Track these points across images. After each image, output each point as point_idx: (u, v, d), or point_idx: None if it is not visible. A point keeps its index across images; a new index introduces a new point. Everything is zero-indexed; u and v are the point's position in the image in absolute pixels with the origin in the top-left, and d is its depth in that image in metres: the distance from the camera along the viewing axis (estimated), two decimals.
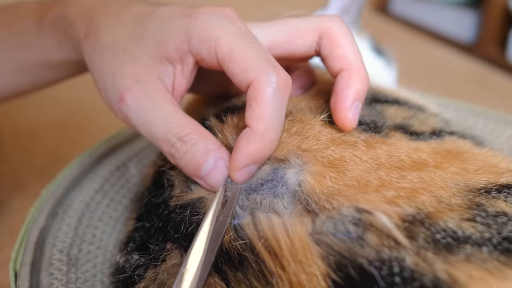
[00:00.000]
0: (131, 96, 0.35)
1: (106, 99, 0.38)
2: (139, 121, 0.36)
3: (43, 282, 0.39)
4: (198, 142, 0.34)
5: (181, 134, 0.34)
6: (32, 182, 0.72)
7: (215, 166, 0.34)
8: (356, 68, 0.37)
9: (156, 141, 0.35)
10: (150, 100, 0.35)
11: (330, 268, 0.28)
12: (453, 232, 0.29)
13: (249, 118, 0.33)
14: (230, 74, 0.35)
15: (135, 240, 0.39)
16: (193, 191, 0.36)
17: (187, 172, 0.35)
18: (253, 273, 0.30)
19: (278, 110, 0.33)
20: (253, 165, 0.34)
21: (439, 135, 0.40)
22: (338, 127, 0.37)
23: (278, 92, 0.33)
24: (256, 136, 0.33)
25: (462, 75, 1.22)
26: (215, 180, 0.34)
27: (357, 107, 0.37)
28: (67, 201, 0.49)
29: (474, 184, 0.33)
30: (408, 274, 0.27)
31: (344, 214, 0.30)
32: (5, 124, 0.77)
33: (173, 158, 0.35)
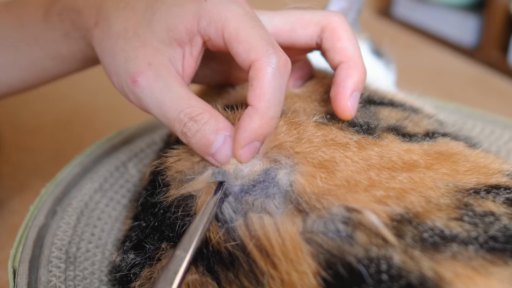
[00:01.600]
0: (143, 78, 0.37)
1: (118, 83, 0.39)
2: (152, 102, 0.37)
3: (42, 279, 0.40)
4: (209, 121, 0.36)
5: (193, 114, 0.36)
6: (33, 181, 0.72)
7: (224, 143, 0.36)
8: (355, 61, 0.39)
9: (169, 121, 0.37)
10: (162, 82, 0.37)
11: (320, 266, 0.29)
12: (440, 231, 0.30)
13: (251, 97, 0.35)
14: (234, 54, 0.37)
15: (131, 239, 0.39)
16: (184, 185, 0.36)
17: (198, 150, 0.36)
18: (244, 273, 0.31)
19: (278, 89, 0.35)
20: (256, 142, 0.36)
21: (432, 137, 0.41)
22: (338, 116, 0.39)
23: (278, 72, 0.35)
24: (258, 113, 0.35)
25: (463, 78, 1.22)
26: (224, 156, 0.36)
27: (355, 97, 0.39)
28: (66, 200, 0.49)
29: (464, 184, 0.34)
30: (395, 272, 0.27)
31: (334, 213, 0.31)
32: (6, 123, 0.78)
33: (185, 137, 0.37)
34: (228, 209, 0.34)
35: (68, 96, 0.94)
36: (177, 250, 0.31)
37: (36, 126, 0.87)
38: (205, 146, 0.36)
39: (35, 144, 0.83)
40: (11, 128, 0.83)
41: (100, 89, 0.95)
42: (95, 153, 0.56)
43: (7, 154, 0.76)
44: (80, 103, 0.93)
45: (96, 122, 0.88)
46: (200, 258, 0.33)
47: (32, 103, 0.90)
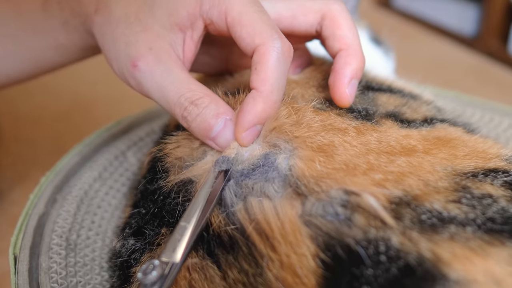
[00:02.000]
0: (144, 62, 0.37)
1: (118, 68, 0.39)
2: (152, 86, 0.37)
3: (43, 265, 0.40)
4: (209, 105, 0.36)
5: (193, 98, 0.36)
6: (33, 172, 0.72)
7: (225, 126, 0.36)
8: (354, 49, 0.39)
9: (169, 105, 0.37)
10: (162, 66, 0.37)
11: (319, 248, 0.29)
12: (439, 213, 0.30)
13: (255, 81, 0.35)
14: (237, 38, 0.37)
15: (131, 226, 0.39)
16: (183, 171, 0.37)
17: (199, 134, 0.37)
18: (243, 256, 0.31)
19: (281, 74, 0.36)
20: (259, 126, 0.36)
21: (431, 123, 0.41)
22: (336, 103, 0.39)
23: (282, 57, 0.35)
24: (261, 97, 0.35)
25: (463, 68, 1.22)
26: (224, 140, 0.36)
27: (354, 84, 0.39)
28: (66, 188, 0.50)
29: (462, 168, 0.34)
30: (393, 253, 0.28)
31: (332, 196, 0.31)
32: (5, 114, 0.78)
33: (185, 121, 0.37)
34: (230, 193, 0.34)
35: (67, 87, 0.94)
36: (181, 222, 0.32)
37: (35, 117, 0.87)
38: (206, 130, 0.36)
39: (35, 135, 0.83)
40: (11, 119, 0.83)
41: (99, 80, 0.95)
42: (94, 142, 0.56)
43: (6, 146, 0.76)
44: (79, 94, 0.93)
45: (96, 113, 0.88)
46: (201, 242, 0.33)
47: (31, 94, 0.90)
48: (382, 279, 0.27)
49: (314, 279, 0.28)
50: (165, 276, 0.30)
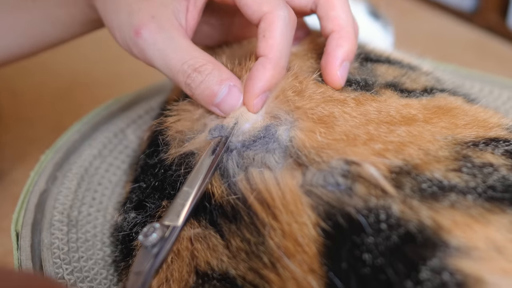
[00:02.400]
0: (146, 30, 0.37)
1: (121, 37, 0.39)
2: (155, 54, 0.37)
3: (45, 241, 0.41)
4: (212, 72, 0.36)
5: (196, 65, 0.36)
6: (33, 151, 0.72)
7: (229, 93, 0.36)
8: (346, 32, 0.39)
9: (172, 73, 0.37)
10: (165, 34, 0.37)
11: (320, 217, 0.29)
12: (439, 182, 0.30)
13: (263, 48, 0.36)
14: (242, 5, 0.37)
15: (132, 200, 0.40)
16: (185, 143, 0.37)
17: (203, 100, 0.37)
18: (245, 225, 0.31)
19: (288, 41, 0.37)
20: (268, 92, 0.37)
21: (430, 92, 0.41)
22: (328, 85, 0.39)
23: (289, 25, 0.36)
24: (271, 63, 0.36)
25: (462, 42, 1.21)
26: (229, 106, 0.36)
27: (345, 66, 0.39)
28: (66, 165, 0.50)
29: (462, 137, 0.34)
30: (394, 221, 0.28)
31: (333, 166, 0.31)
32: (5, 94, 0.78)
33: (189, 89, 0.37)
34: (233, 163, 0.34)
35: (66, 66, 0.93)
36: (184, 187, 0.33)
37: (35, 97, 0.87)
38: (210, 96, 0.36)
39: (35, 114, 0.82)
40: (11, 99, 0.83)
41: (98, 59, 0.95)
42: (93, 120, 0.56)
43: (6, 125, 0.76)
44: (78, 72, 0.93)
45: (95, 91, 0.88)
46: (203, 212, 0.33)
47: (31, 73, 0.89)
48: (382, 247, 0.27)
49: (315, 247, 0.28)
50: (166, 238, 0.30)
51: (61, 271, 0.39)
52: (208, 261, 0.32)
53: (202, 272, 0.32)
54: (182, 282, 0.32)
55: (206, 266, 0.32)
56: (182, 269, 0.32)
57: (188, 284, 0.32)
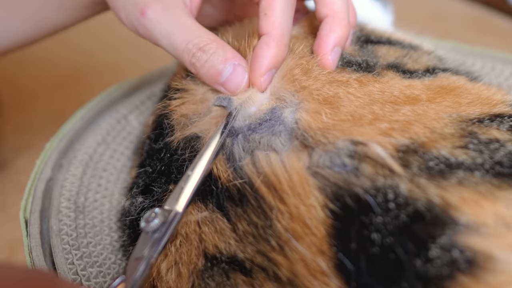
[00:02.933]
0: (152, 10, 0.37)
1: (127, 17, 0.39)
2: (160, 33, 0.38)
3: (53, 228, 0.41)
4: (217, 51, 0.37)
5: (201, 44, 0.37)
6: (36, 141, 0.72)
7: (233, 71, 0.36)
8: (340, 17, 0.40)
9: (177, 52, 0.37)
10: (170, 14, 0.37)
11: (328, 198, 0.29)
12: (446, 159, 0.30)
13: (266, 26, 0.37)
14: None
15: (138, 185, 0.40)
16: (189, 126, 0.37)
17: (208, 79, 0.37)
18: (252, 209, 0.31)
19: (289, 18, 0.37)
20: (274, 70, 0.37)
21: (433, 73, 0.41)
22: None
23: (290, 2, 0.37)
24: (274, 40, 0.36)
25: (463, 19, 1.20)
26: (234, 85, 0.37)
27: (337, 51, 0.39)
28: (71, 153, 0.50)
29: (467, 115, 0.34)
30: (402, 200, 0.28)
31: (339, 147, 0.31)
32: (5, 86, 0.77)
33: (194, 68, 0.37)
34: (239, 147, 0.34)
35: (64, 56, 0.93)
36: (188, 171, 0.33)
37: (34, 88, 0.87)
38: (214, 75, 0.36)
39: (35, 105, 0.82)
40: (11, 91, 0.82)
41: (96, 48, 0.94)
42: (96, 107, 0.55)
43: (8, 116, 0.76)
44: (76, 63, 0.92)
45: (94, 81, 0.87)
46: (210, 195, 0.33)
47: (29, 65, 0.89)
48: (391, 226, 0.27)
49: (323, 229, 0.29)
50: (167, 224, 0.30)
51: (70, 257, 0.39)
52: (216, 244, 0.32)
53: (210, 255, 0.32)
54: (191, 265, 0.32)
55: (214, 249, 0.32)
56: (190, 252, 0.33)
57: (197, 267, 0.32)
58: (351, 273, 0.27)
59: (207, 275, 0.31)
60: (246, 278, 0.30)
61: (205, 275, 0.31)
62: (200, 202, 0.34)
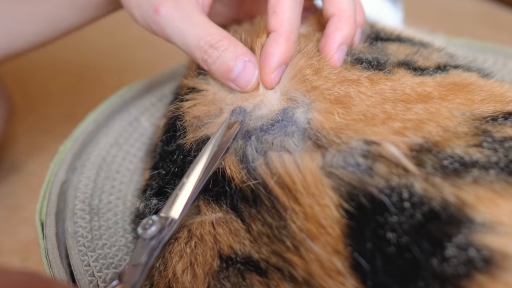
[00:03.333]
0: (164, 7, 0.38)
1: (141, 15, 0.40)
2: (173, 30, 0.38)
3: (69, 230, 0.41)
4: (228, 47, 0.37)
5: (213, 42, 0.37)
6: (48, 143, 0.73)
7: (244, 68, 0.37)
8: (346, 16, 0.40)
9: (189, 49, 0.38)
10: (182, 11, 0.38)
11: (342, 198, 0.29)
12: (460, 158, 0.30)
13: (274, 23, 0.37)
14: None
15: (152, 187, 0.40)
16: (201, 128, 0.37)
17: (219, 75, 0.38)
18: (266, 210, 0.31)
19: (297, 15, 0.38)
20: (283, 66, 0.37)
21: (444, 70, 0.41)
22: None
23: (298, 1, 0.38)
24: (282, 37, 0.37)
25: (473, 14, 1.19)
26: (244, 81, 0.37)
27: (342, 50, 0.40)
28: (84, 155, 0.50)
29: (480, 113, 0.34)
30: (417, 199, 0.28)
31: (353, 147, 0.31)
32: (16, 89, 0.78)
33: (206, 64, 0.38)
34: (252, 148, 0.34)
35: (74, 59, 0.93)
36: (183, 178, 0.34)
37: (46, 89, 0.87)
38: (226, 72, 0.37)
39: (47, 106, 0.83)
40: (22, 92, 0.83)
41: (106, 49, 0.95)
42: (108, 109, 0.56)
43: (20, 117, 0.76)
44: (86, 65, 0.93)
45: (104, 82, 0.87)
46: (223, 196, 0.33)
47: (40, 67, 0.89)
48: (407, 225, 0.27)
49: (338, 229, 0.29)
50: (163, 231, 0.31)
51: (86, 259, 0.40)
52: (231, 245, 0.32)
53: (225, 256, 0.32)
54: (207, 266, 0.32)
55: (229, 250, 0.32)
56: (205, 253, 0.33)
57: (213, 268, 0.32)
58: (367, 272, 0.27)
59: (222, 275, 0.32)
60: (262, 279, 0.30)
61: (220, 276, 0.32)
62: (214, 203, 0.34)
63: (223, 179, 0.34)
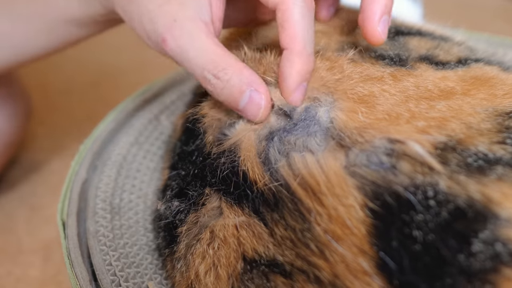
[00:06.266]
0: (170, 36, 0.36)
1: (151, 43, 0.39)
2: (182, 59, 0.37)
3: (90, 229, 0.42)
4: (232, 77, 0.35)
5: (215, 71, 0.35)
6: (69, 141, 0.73)
7: (250, 100, 0.35)
8: None
9: (197, 78, 0.37)
10: (186, 38, 0.36)
11: (367, 197, 0.29)
12: (484, 155, 0.29)
13: (285, 39, 0.35)
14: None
15: (172, 188, 0.40)
16: (229, 136, 0.37)
17: (229, 105, 0.37)
18: (289, 213, 0.31)
19: (309, 26, 0.35)
20: (304, 83, 0.36)
21: (465, 63, 0.40)
22: (369, 42, 0.38)
23: (306, 9, 0.35)
24: (296, 55, 0.35)
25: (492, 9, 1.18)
26: (252, 112, 0.36)
27: (385, 20, 0.37)
28: (105, 154, 0.50)
29: (503, 108, 0.33)
30: (442, 197, 0.28)
31: (376, 146, 0.31)
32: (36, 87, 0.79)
33: (212, 94, 0.37)
34: (274, 150, 0.34)
35: (93, 58, 0.94)
36: None
37: (65, 88, 0.88)
38: (233, 102, 0.36)
39: (66, 106, 0.84)
40: (42, 92, 0.84)
41: (123, 48, 0.95)
42: (128, 108, 0.56)
43: (40, 117, 0.77)
44: (105, 63, 0.94)
45: (123, 81, 0.88)
46: (245, 200, 0.33)
47: (59, 67, 0.90)
48: (433, 224, 0.27)
49: (364, 229, 0.28)
50: None
51: (108, 258, 0.40)
52: (255, 248, 0.32)
53: (249, 259, 0.32)
54: (230, 268, 0.32)
55: (253, 253, 0.32)
56: (229, 255, 0.33)
57: (236, 270, 0.32)
58: (394, 271, 0.27)
59: (246, 277, 0.32)
60: (286, 280, 0.30)
61: (244, 278, 0.32)
62: (237, 206, 0.34)
63: (245, 182, 0.34)
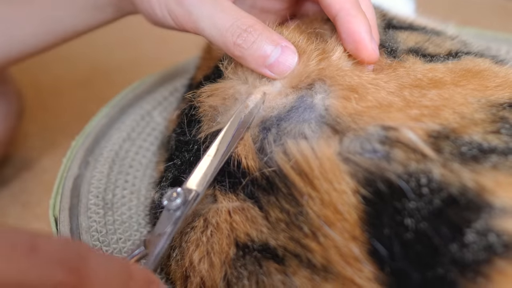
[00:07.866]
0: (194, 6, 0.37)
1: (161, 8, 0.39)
2: (202, 14, 0.36)
3: (83, 225, 0.41)
4: (263, 32, 0.35)
5: (246, 25, 0.35)
6: (60, 139, 0.73)
7: (283, 53, 0.35)
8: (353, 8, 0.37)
9: (220, 32, 0.36)
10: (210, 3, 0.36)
11: (359, 184, 0.29)
12: (479, 144, 0.29)
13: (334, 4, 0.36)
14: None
15: (167, 178, 0.40)
16: (219, 121, 0.37)
17: (253, 61, 0.36)
18: (283, 196, 0.31)
19: None
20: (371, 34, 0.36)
21: (456, 56, 0.40)
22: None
23: None
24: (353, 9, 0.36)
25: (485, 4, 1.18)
26: (283, 66, 0.35)
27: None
28: (97, 150, 0.50)
29: (496, 99, 0.34)
30: (435, 185, 0.27)
31: (370, 132, 0.31)
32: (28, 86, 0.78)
33: (239, 49, 0.36)
34: (269, 137, 0.34)
35: (84, 55, 0.93)
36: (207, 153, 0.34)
37: (56, 86, 0.88)
38: (262, 57, 0.35)
39: (58, 104, 0.83)
40: (34, 90, 0.83)
41: (115, 45, 0.95)
42: (120, 104, 0.56)
43: (32, 115, 0.77)
44: (96, 61, 0.93)
45: (115, 78, 0.88)
46: (239, 185, 0.33)
47: (50, 66, 0.90)
48: (425, 211, 0.27)
49: (356, 214, 0.28)
50: (188, 202, 0.32)
51: None
52: (247, 232, 0.32)
53: (242, 244, 0.32)
54: (223, 255, 0.32)
55: (246, 237, 0.32)
56: (222, 241, 0.33)
57: (229, 256, 0.32)
58: (385, 258, 0.27)
59: (239, 264, 0.31)
60: (279, 266, 0.30)
61: (237, 264, 0.31)
62: (231, 192, 0.34)
63: (238, 169, 0.34)
